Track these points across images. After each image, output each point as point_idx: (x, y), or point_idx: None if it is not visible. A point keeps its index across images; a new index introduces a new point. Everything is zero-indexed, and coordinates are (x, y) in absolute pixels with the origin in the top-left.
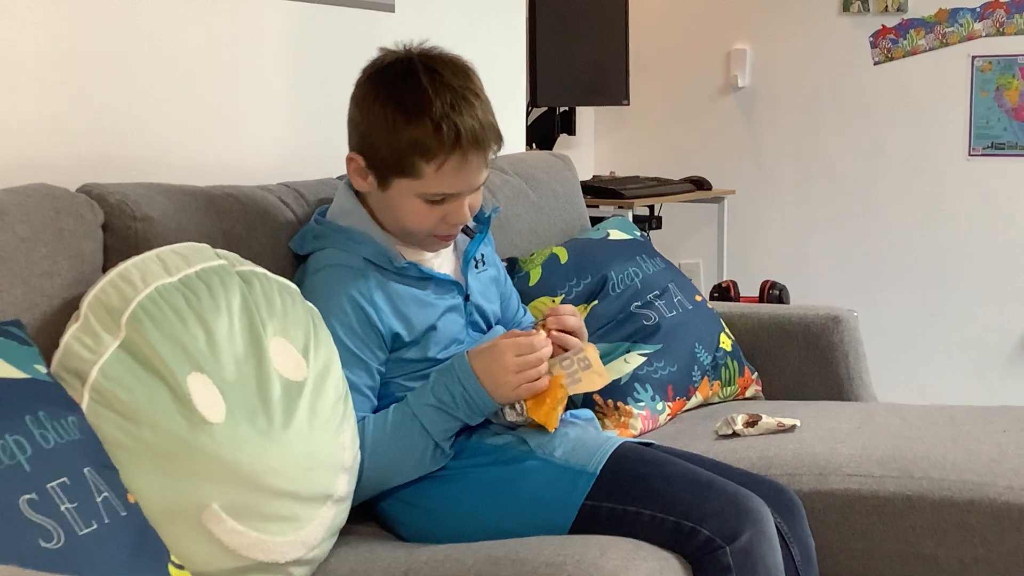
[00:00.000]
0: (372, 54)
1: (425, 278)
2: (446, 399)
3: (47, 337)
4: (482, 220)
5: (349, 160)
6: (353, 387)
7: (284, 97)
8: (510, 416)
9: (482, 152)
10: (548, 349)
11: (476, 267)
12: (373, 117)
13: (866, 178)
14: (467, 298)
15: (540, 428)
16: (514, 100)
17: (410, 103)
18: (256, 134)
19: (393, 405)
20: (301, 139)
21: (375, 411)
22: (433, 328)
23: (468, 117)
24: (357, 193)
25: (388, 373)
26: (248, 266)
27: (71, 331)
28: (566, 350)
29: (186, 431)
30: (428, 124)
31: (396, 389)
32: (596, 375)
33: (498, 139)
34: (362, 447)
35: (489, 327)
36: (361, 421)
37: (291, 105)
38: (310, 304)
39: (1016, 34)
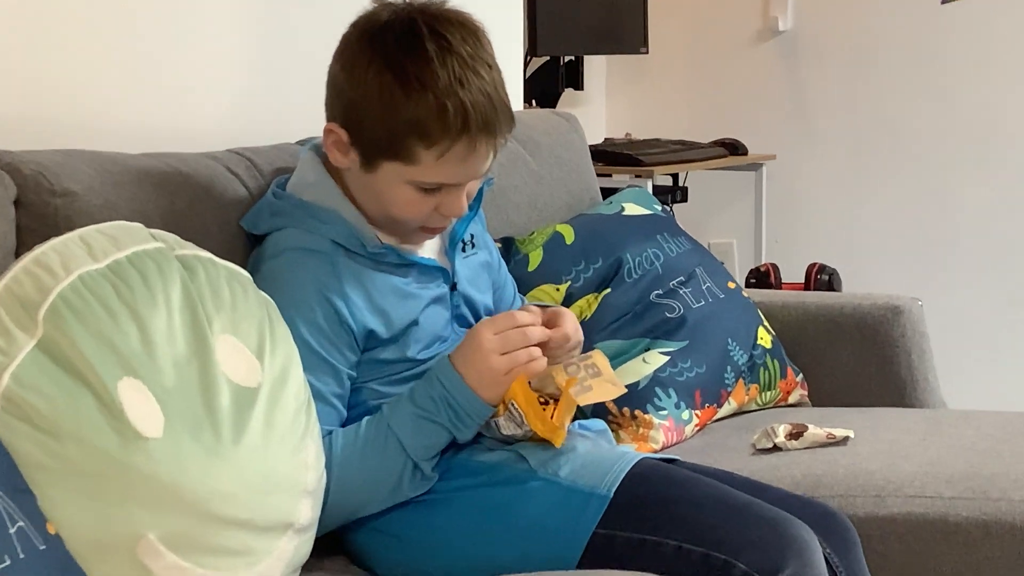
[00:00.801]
0: None
1: (405, 264)
2: (426, 404)
3: None
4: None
5: (328, 131)
6: (318, 395)
7: (236, 47)
8: (506, 428)
9: (492, 138)
10: (537, 327)
11: (464, 250)
12: (364, 87)
13: (933, 140)
14: (454, 287)
15: (543, 443)
16: (508, 48)
17: (411, 74)
18: (200, 90)
19: (366, 418)
20: (255, 97)
21: (344, 424)
22: (415, 323)
23: (479, 94)
24: (326, 162)
25: (359, 377)
26: (190, 249)
27: None
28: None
29: (117, 448)
30: (431, 101)
31: (369, 396)
32: (608, 383)
33: (511, 122)
34: (328, 467)
35: (479, 320)
36: (327, 436)
37: (244, 57)
38: (265, 295)
39: None
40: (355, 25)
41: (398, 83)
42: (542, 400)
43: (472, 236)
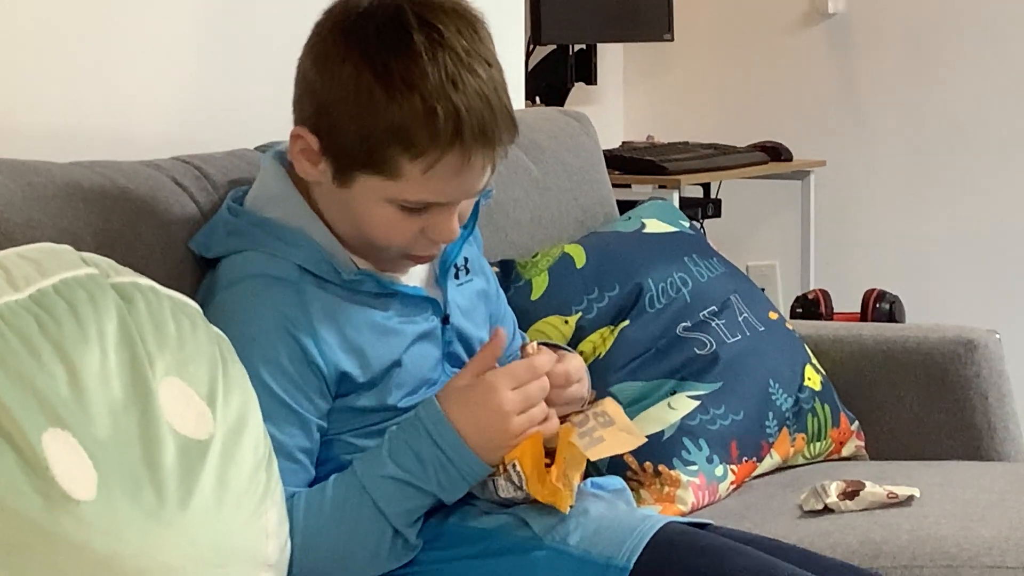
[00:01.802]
0: None
1: (386, 294)
2: (411, 465)
3: None
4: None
5: (295, 137)
6: (281, 450)
7: (182, 32)
8: (504, 491)
9: (489, 150)
10: (547, 383)
11: (457, 276)
12: (338, 86)
13: (1012, 144)
14: (446, 319)
15: (547, 507)
16: (507, 36)
17: (394, 71)
18: (141, 87)
19: (334, 475)
20: (205, 94)
21: (312, 484)
22: (397, 364)
23: (475, 97)
24: (291, 171)
25: (331, 428)
26: (129, 276)
27: None
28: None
29: (41, 512)
30: (417, 104)
31: (342, 450)
32: (624, 433)
33: (512, 130)
34: (292, 534)
35: None
36: (291, 499)
37: (192, 44)
38: (217, 330)
39: None
40: (330, 12)
41: (379, 82)
42: (548, 460)
43: (467, 260)
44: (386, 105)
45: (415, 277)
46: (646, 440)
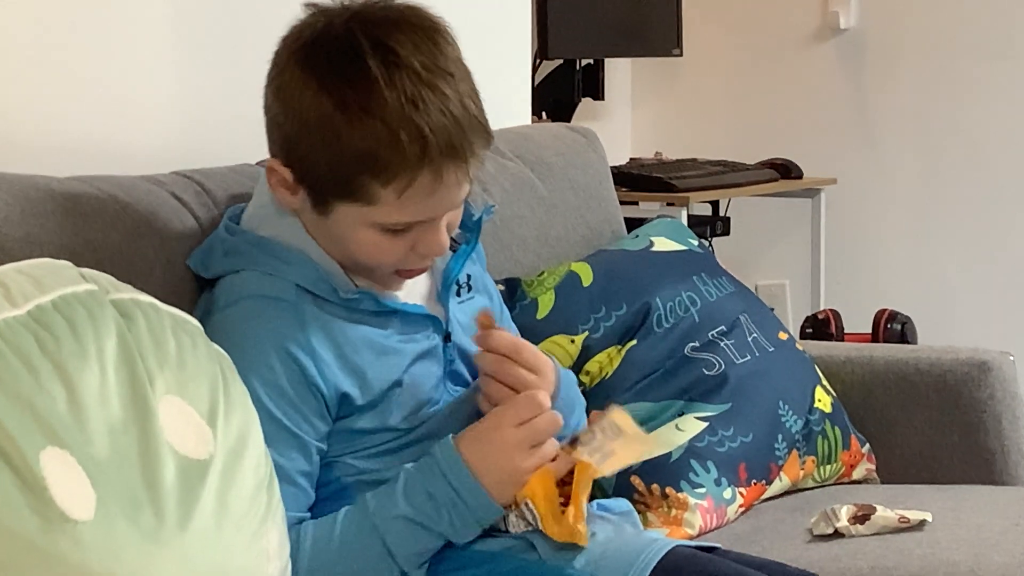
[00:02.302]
0: None
1: (386, 312)
2: (423, 506)
3: None
4: (469, 226)
5: (269, 170)
6: (281, 474)
7: (183, 47)
8: (515, 526)
9: (461, 163)
10: (556, 418)
11: (459, 294)
12: (299, 118)
13: None
14: (447, 338)
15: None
16: (514, 50)
17: (352, 101)
18: (141, 100)
19: (345, 509)
20: (207, 108)
21: (312, 508)
22: (397, 385)
23: (438, 115)
24: None
25: (332, 450)
26: (128, 292)
27: None
28: None
29: (38, 532)
30: (380, 130)
31: (342, 472)
32: (636, 442)
33: (485, 138)
34: (297, 563)
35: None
36: (296, 527)
37: (193, 59)
38: (219, 348)
39: None
40: (285, 40)
41: (338, 112)
42: (562, 500)
43: (469, 277)
44: (349, 134)
45: (415, 294)
46: (660, 446)
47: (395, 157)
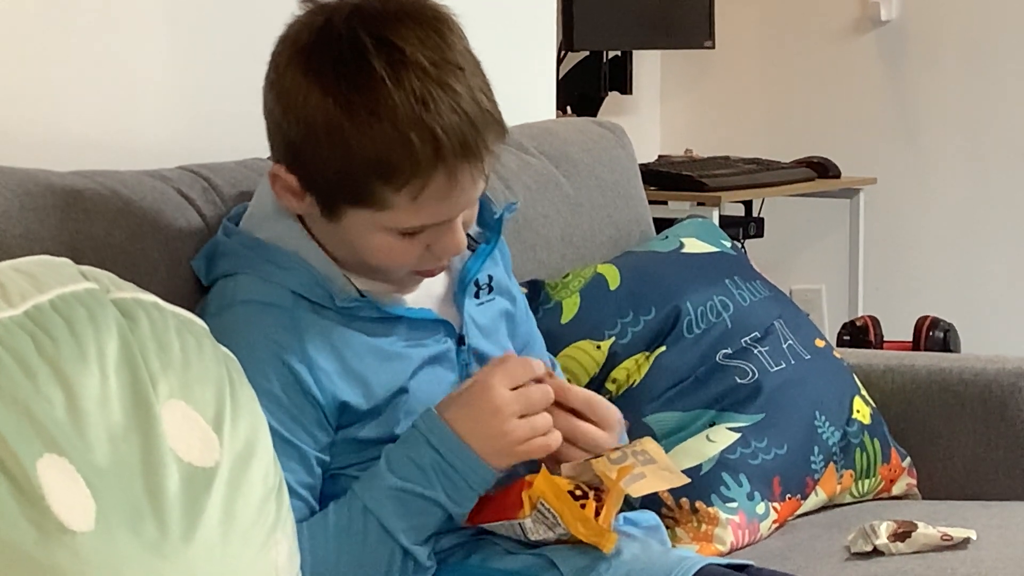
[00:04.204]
0: None
1: (388, 319)
2: (412, 474)
3: None
4: (489, 224)
5: (273, 176)
6: None
7: (189, 37)
8: (535, 533)
9: (476, 162)
10: (549, 389)
11: (478, 295)
12: (304, 123)
13: None
14: (461, 341)
15: (581, 544)
16: (538, 42)
17: (359, 105)
18: (145, 92)
19: (334, 503)
20: (214, 100)
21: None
22: (403, 391)
23: (449, 113)
24: None
25: (335, 462)
26: (130, 291)
27: None
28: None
29: (35, 544)
30: (390, 134)
31: (348, 485)
32: (665, 471)
33: (499, 132)
34: (302, 568)
35: None
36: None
37: (200, 50)
38: (225, 350)
39: None
40: (283, 41)
41: (345, 118)
42: (579, 492)
43: (490, 278)
44: (357, 140)
45: (425, 296)
46: (689, 480)
47: (407, 161)
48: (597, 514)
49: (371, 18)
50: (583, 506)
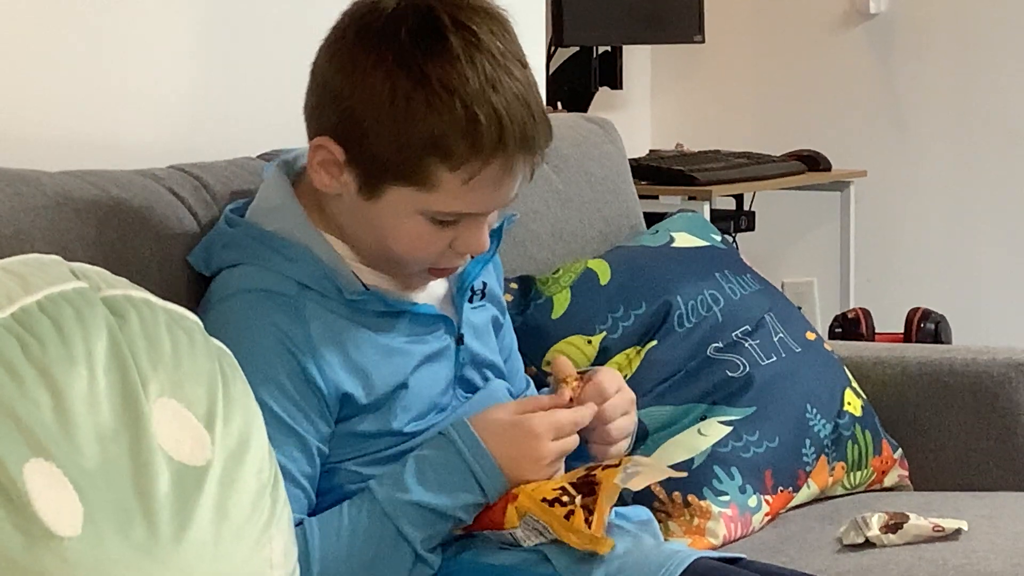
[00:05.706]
0: None
1: (393, 313)
2: (443, 498)
3: None
4: (489, 234)
5: (317, 147)
6: (284, 474)
7: (181, 37)
8: (528, 540)
9: (530, 156)
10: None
11: (471, 300)
12: (370, 93)
13: None
14: (460, 340)
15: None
16: (528, 37)
17: (433, 76)
18: (136, 91)
19: (348, 501)
20: (206, 100)
21: (313, 513)
22: (403, 387)
23: (514, 101)
24: (296, 184)
25: (333, 455)
26: (121, 288)
27: None
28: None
29: (22, 550)
30: (458, 111)
31: (345, 479)
32: (657, 470)
33: (549, 134)
34: (309, 564)
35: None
36: (299, 526)
37: (192, 49)
38: (219, 343)
39: None
40: (351, 15)
41: (416, 88)
42: (565, 498)
43: (484, 286)
44: (425, 113)
45: (427, 294)
46: (686, 474)
47: (469, 142)
48: (588, 523)
49: (448, 3)
50: (572, 512)
